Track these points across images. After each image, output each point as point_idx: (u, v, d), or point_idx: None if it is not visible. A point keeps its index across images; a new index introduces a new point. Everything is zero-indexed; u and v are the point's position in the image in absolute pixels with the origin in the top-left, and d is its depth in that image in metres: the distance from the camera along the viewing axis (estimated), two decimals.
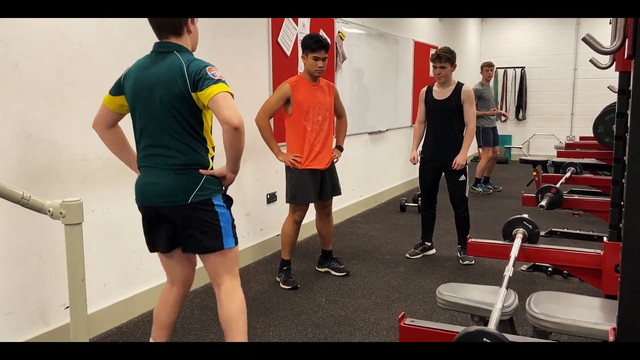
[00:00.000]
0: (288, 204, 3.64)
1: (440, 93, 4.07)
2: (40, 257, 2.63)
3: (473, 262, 4.05)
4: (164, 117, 2.05)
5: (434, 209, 4.25)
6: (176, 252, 2.25)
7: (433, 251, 4.32)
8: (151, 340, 2.38)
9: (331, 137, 3.68)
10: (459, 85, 4.05)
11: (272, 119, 3.62)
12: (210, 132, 2.17)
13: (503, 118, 7.77)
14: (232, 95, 2.00)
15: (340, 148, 3.82)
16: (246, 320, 2.22)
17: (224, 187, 2.18)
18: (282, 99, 3.48)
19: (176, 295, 2.32)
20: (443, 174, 4.11)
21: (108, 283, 3.00)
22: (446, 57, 3.94)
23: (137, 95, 2.10)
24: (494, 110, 6.74)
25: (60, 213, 1.51)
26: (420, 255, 4.25)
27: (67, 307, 2.65)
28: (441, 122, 4.06)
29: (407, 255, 4.25)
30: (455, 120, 4.02)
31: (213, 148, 2.19)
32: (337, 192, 3.75)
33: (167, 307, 2.32)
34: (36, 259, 2.62)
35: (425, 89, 4.21)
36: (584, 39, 1.34)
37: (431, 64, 4.08)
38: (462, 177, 4.02)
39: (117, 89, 2.18)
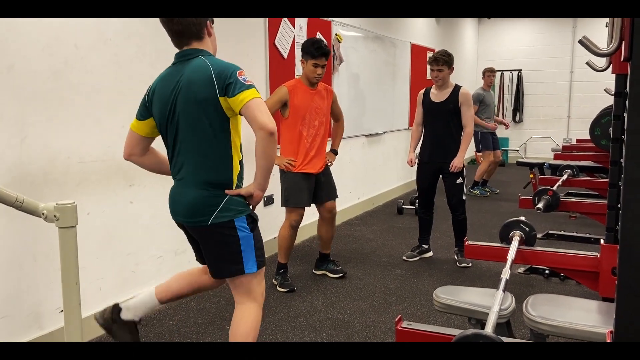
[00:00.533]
0: (284, 208, 3.62)
1: (438, 95, 4.07)
2: (35, 261, 2.62)
3: (470, 264, 4.05)
4: (189, 130, 1.96)
5: (431, 212, 4.24)
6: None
7: (430, 254, 4.32)
8: (154, 290, 2.28)
9: (326, 141, 3.68)
10: (457, 88, 4.05)
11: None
12: (240, 145, 2.05)
13: (505, 127, 7.77)
14: (263, 101, 1.94)
15: (334, 152, 3.81)
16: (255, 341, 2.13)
17: (250, 207, 2.07)
18: (279, 102, 3.46)
19: (202, 282, 2.24)
20: (441, 176, 4.10)
21: (103, 286, 2.98)
22: (443, 60, 3.95)
23: (163, 109, 2.01)
24: (494, 125, 6.72)
25: (55, 216, 1.50)
26: (417, 258, 4.24)
27: (62, 310, 2.63)
28: (439, 124, 4.06)
29: (404, 257, 4.25)
30: (452, 123, 4.02)
31: (240, 162, 2.06)
32: (333, 195, 3.71)
33: (184, 280, 2.25)
34: (31, 262, 2.60)
35: (423, 91, 4.21)
36: (580, 42, 1.34)
37: (428, 67, 4.07)
38: (460, 180, 4.02)
39: (145, 112, 2.09)
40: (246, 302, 2.09)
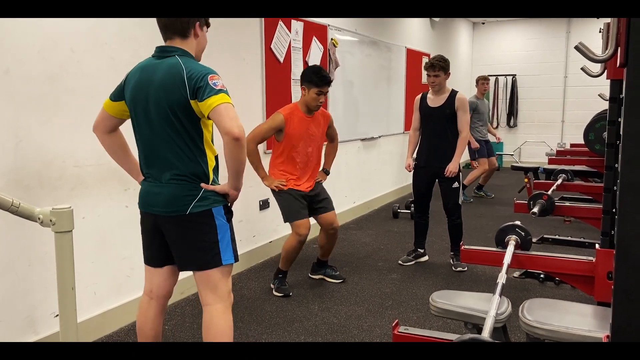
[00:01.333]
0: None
1: (434, 101, 4.08)
2: (30, 265, 2.60)
3: (466, 269, 4.05)
4: (162, 125, 2.00)
5: (427, 216, 4.25)
6: (166, 267, 2.21)
7: (426, 258, 4.32)
8: None
9: (319, 165, 3.70)
10: (453, 93, 4.06)
11: None
12: (212, 141, 2.11)
13: (496, 140, 7.77)
14: (232, 105, 1.94)
15: (326, 172, 3.81)
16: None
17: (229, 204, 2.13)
18: (274, 129, 3.44)
19: (156, 309, 2.24)
20: (437, 180, 4.11)
21: (98, 291, 2.96)
22: (440, 66, 3.96)
23: (135, 100, 2.05)
24: (477, 144, 6.63)
25: (51, 220, 1.49)
26: (413, 262, 4.24)
27: (57, 315, 2.61)
28: (435, 129, 4.07)
29: (400, 262, 4.25)
30: (449, 128, 4.03)
31: (215, 157, 2.13)
32: (330, 207, 3.67)
33: (148, 321, 2.24)
34: (26, 267, 2.58)
35: (419, 96, 4.22)
36: (576, 47, 1.34)
37: (425, 73, 4.08)
38: (456, 184, 4.03)
39: (118, 95, 2.13)
40: (213, 303, 2.09)
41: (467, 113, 4.04)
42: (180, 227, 2.04)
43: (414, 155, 4.26)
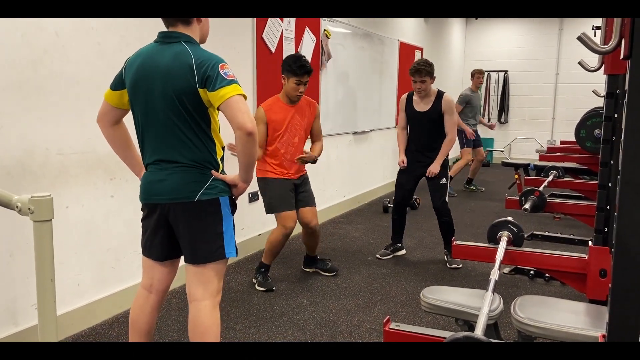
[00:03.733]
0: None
1: (421, 104, 4.04)
2: (11, 256, 2.53)
3: (460, 265, 4.03)
4: (167, 113, 1.91)
5: (404, 213, 4.25)
6: (167, 262, 2.13)
7: (403, 252, 4.34)
8: None
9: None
10: (440, 95, 4.02)
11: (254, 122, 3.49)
12: (219, 130, 2.03)
13: (492, 127, 7.81)
14: (245, 97, 1.87)
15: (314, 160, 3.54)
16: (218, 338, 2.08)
17: (234, 196, 2.06)
18: (262, 124, 3.36)
19: (154, 303, 2.17)
20: (425, 179, 4.10)
21: (82, 282, 2.89)
22: (426, 71, 3.90)
23: (138, 87, 1.95)
24: (472, 132, 6.71)
25: (29, 209, 1.42)
26: (390, 256, 4.24)
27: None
28: (423, 132, 4.07)
29: (378, 255, 4.24)
30: (437, 131, 4.03)
31: (223, 148, 2.06)
32: (310, 202, 3.58)
33: (144, 314, 2.16)
34: (7, 258, 2.51)
35: (405, 97, 4.16)
36: (579, 38, 1.30)
37: (411, 79, 3.97)
38: (443, 180, 4.02)
39: (119, 83, 2.02)
40: (201, 299, 2.02)
41: (453, 115, 4.02)
42: (187, 215, 1.96)
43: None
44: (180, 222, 1.98)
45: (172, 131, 1.93)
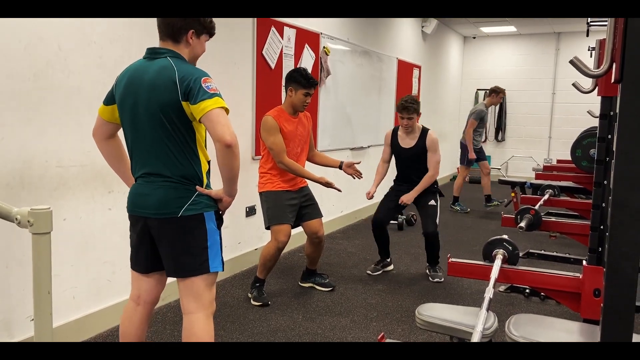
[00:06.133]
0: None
1: (406, 140, 4.15)
2: (7, 267, 2.53)
3: (442, 279, 4.08)
4: (152, 127, 1.95)
5: (385, 230, 4.24)
6: (152, 274, 2.15)
7: (391, 267, 4.37)
8: None
9: (305, 162, 3.66)
10: (424, 132, 4.12)
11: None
12: (205, 145, 2.06)
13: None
14: (227, 110, 1.90)
15: (341, 164, 3.71)
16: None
17: (220, 211, 2.09)
18: (279, 133, 3.39)
19: (142, 314, 2.18)
20: (415, 204, 4.19)
21: (78, 295, 2.89)
22: (413, 108, 4.02)
23: (124, 102, 2.00)
24: (474, 155, 6.83)
25: (28, 221, 1.44)
26: (380, 272, 4.27)
27: (33, 319, 2.54)
28: (408, 167, 4.19)
29: (369, 272, 4.25)
30: (420, 166, 4.13)
31: (208, 162, 2.08)
32: (316, 214, 3.63)
33: (133, 326, 2.17)
34: (2, 269, 2.51)
35: (390, 132, 4.28)
36: (571, 62, 1.33)
37: (398, 114, 4.11)
38: (432, 202, 4.10)
39: (110, 99, 2.09)
40: (195, 312, 2.03)
41: (437, 153, 4.11)
42: (171, 230, 1.98)
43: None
44: (163, 237, 2.01)
45: (158, 145, 1.96)
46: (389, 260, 4.35)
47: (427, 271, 4.20)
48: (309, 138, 3.69)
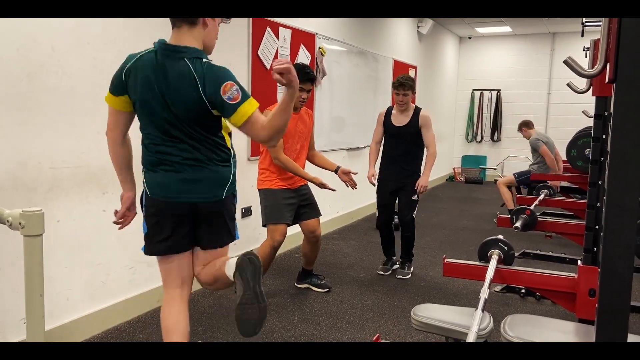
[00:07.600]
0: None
1: (399, 118, 4.13)
2: (0, 269, 2.51)
3: (409, 276, 4.17)
4: (185, 123, 1.97)
5: (391, 228, 4.32)
6: (189, 251, 2.20)
7: (398, 265, 4.38)
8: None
9: (305, 162, 3.64)
10: (417, 111, 4.12)
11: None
12: (230, 134, 2.16)
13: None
14: (257, 106, 2.01)
15: (337, 168, 3.66)
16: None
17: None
18: None
19: (186, 298, 2.22)
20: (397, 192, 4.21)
21: (72, 297, 2.87)
22: (409, 85, 4.01)
23: (147, 105, 1.95)
24: None
25: (20, 223, 1.43)
26: (390, 271, 4.29)
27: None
28: (400, 147, 4.14)
29: (380, 272, 4.27)
30: (413, 145, 4.12)
31: (229, 134, 2.17)
32: (314, 214, 3.62)
33: (182, 314, 2.17)
34: None
35: (384, 111, 4.26)
36: (565, 62, 1.33)
37: (394, 91, 4.07)
38: (415, 197, 4.12)
39: (120, 88, 1.98)
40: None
41: (431, 129, 4.11)
42: (214, 211, 2.11)
43: (376, 168, 4.28)
44: (209, 217, 2.12)
45: (191, 136, 2.00)
46: (395, 258, 4.39)
47: (398, 266, 4.29)
48: (310, 135, 3.66)
